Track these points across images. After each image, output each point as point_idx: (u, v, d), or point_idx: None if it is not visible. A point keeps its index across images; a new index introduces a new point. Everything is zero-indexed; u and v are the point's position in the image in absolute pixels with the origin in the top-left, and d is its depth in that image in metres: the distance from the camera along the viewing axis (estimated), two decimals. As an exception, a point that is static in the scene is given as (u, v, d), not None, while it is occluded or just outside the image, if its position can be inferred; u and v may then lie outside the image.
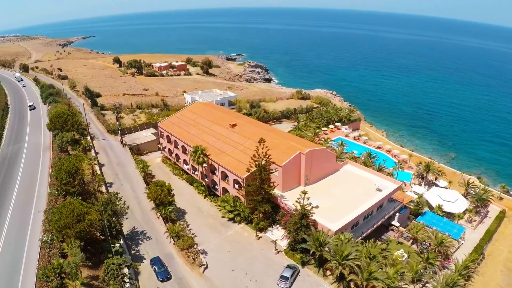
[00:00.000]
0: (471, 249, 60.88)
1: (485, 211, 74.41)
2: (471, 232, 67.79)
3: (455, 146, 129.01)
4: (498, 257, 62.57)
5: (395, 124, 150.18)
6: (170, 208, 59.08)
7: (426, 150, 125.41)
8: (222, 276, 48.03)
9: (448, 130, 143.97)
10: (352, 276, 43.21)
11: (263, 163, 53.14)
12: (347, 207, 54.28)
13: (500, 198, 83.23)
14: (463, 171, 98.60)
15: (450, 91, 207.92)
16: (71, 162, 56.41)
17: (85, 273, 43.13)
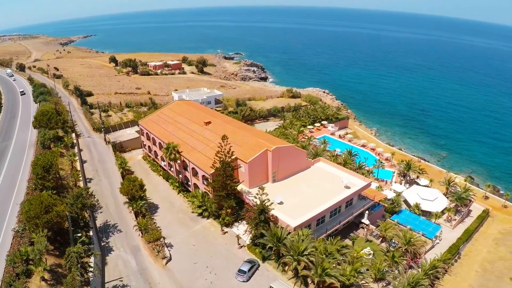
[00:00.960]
0: (446, 249, 61.86)
1: (466, 210, 75.33)
2: (450, 232, 68.91)
3: (447, 145, 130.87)
4: (475, 257, 63.68)
5: (388, 123, 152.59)
6: (141, 202, 61.73)
7: (417, 149, 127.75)
8: (183, 269, 50.53)
9: (441, 129, 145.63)
10: (305, 272, 45.02)
11: (227, 160, 55.49)
12: (311, 203, 55.97)
13: (486, 198, 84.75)
14: (447, 169, 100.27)
15: (447, 90, 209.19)
16: (47, 158, 59.15)
17: (51, 261, 45.72)
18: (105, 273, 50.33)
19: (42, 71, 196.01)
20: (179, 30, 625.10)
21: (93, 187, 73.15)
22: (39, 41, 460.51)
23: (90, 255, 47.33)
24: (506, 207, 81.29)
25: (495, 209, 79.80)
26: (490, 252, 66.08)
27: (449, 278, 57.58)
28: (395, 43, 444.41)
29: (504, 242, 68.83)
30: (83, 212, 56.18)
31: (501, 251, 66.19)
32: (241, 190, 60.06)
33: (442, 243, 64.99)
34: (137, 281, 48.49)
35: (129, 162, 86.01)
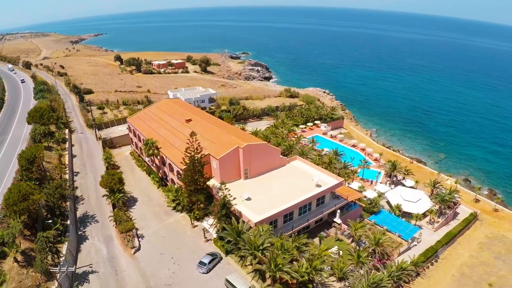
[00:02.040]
0: (423, 251, 62.83)
1: (451, 212, 75.44)
2: (431, 234, 69.65)
3: (446, 147, 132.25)
4: (454, 261, 64.55)
5: (389, 123, 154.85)
6: (119, 195, 65.79)
7: (415, 150, 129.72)
8: (150, 258, 54.26)
9: (442, 131, 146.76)
10: (258, 266, 47.66)
11: (196, 156, 59.05)
12: (279, 200, 58.45)
13: (477, 200, 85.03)
14: (439, 171, 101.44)
15: (451, 92, 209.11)
16: (31, 151, 63.87)
17: (26, 245, 49.95)
18: (78, 260, 54.45)
19: (47, 69, 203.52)
20: (188, 30, 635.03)
21: (79, 180, 78.19)
22: (50, 39, 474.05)
23: (61, 241, 51.37)
24: (497, 210, 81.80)
25: (486, 212, 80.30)
26: (472, 256, 66.80)
27: (421, 281, 58.66)
28: (401, 44, 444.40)
29: (489, 247, 69.70)
30: (62, 202, 60.58)
31: (484, 256, 66.78)
32: (213, 185, 63.47)
33: (420, 246, 65.80)
34: (105, 268, 52.46)
35: (117, 157, 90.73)
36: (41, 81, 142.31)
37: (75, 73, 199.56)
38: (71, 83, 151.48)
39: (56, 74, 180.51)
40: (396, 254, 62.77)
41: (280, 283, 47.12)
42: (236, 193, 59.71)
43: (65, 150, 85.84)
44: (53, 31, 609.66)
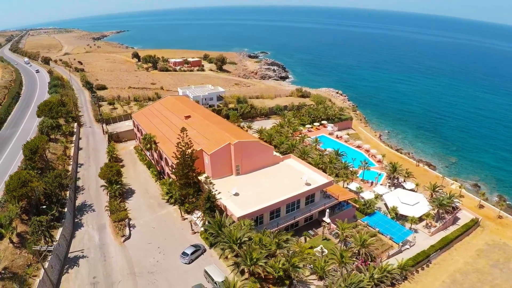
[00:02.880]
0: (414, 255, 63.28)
1: (450, 217, 75.30)
2: (426, 238, 69.93)
3: (458, 151, 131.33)
4: (447, 267, 64.66)
5: (402, 126, 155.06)
6: (116, 186, 69.77)
7: (426, 153, 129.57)
8: (137, 247, 57.77)
9: (456, 135, 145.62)
10: (234, 259, 50.09)
11: (188, 151, 62.17)
12: (266, 197, 60.60)
13: (481, 206, 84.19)
14: (447, 175, 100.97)
15: (468, 96, 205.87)
16: (34, 142, 68.85)
17: (22, 228, 54.41)
18: (71, 245, 58.62)
19: (65, 65, 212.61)
20: (210, 28, 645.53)
21: (82, 171, 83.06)
22: (73, 35, 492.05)
23: (54, 226, 55.57)
24: (501, 217, 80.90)
25: (489, 219, 79.52)
26: (467, 263, 66.44)
27: (409, 285, 58.83)
28: (421, 46, 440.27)
29: (487, 254, 69.12)
30: (61, 190, 65.05)
31: (480, 263, 66.30)
32: (204, 180, 66.37)
33: (413, 249, 66.18)
34: (95, 254, 56.34)
35: (121, 151, 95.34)
36: (56, 76, 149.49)
37: (93, 69, 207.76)
38: (86, 79, 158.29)
39: (73, 70, 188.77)
40: (385, 257, 63.56)
41: (259, 277, 49.35)
42: (226, 189, 62.68)
43: (71, 142, 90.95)
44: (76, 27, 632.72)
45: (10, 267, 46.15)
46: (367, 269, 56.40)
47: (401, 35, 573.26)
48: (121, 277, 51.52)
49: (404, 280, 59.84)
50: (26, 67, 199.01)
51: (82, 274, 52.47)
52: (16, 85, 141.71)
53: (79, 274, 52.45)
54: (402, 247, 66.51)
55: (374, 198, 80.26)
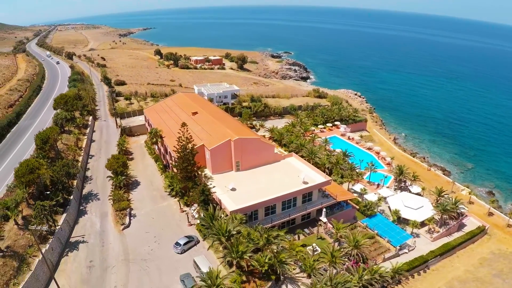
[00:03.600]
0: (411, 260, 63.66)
1: (455, 223, 74.88)
2: (427, 243, 69.94)
3: (476, 157, 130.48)
4: (446, 274, 64.42)
5: (420, 130, 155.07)
6: (121, 177, 73.48)
7: (442, 158, 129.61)
8: (135, 235, 61.06)
9: (475, 141, 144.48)
10: (220, 250, 52.22)
11: (189, 146, 64.93)
12: (262, 193, 62.37)
13: (490, 214, 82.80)
14: (457, 181, 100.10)
15: (492, 102, 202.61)
16: (46, 133, 73.59)
17: (28, 212, 58.65)
18: (74, 230, 62.60)
19: (88, 60, 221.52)
20: (236, 27, 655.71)
21: (92, 162, 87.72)
22: (100, 31, 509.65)
23: (57, 212, 59.58)
24: (510, 226, 79.57)
25: (498, 227, 78.27)
26: (467, 271, 65.83)
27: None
28: (448, 49, 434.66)
29: (490, 263, 68.09)
30: (68, 179, 69.31)
31: (482, 272, 65.51)
32: (205, 175, 69.00)
33: (412, 254, 66.50)
34: (95, 239, 60.02)
35: (132, 144, 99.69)
36: (76, 71, 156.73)
37: (115, 65, 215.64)
38: (106, 75, 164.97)
39: (95, 65, 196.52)
40: (380, 259, 64.09)
41: (247, 271, 51.25)
42: (225, 184, 65.06)
43: (84, 135, 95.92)
44: (104, 24, 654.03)
45: (13, 246, 50.21)
46: (356, 271, 57.07)
47: (426, 37, 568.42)
48: (116, 262, 54.81)
49: (398, 284, 60.22)
50: (50, 61, 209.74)
51: (80, 257, 56.12)
52: (38, 79, 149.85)
53: (77, 257, 56.15)
54: (400, 251, 66.95)
55: (377, 200, 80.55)
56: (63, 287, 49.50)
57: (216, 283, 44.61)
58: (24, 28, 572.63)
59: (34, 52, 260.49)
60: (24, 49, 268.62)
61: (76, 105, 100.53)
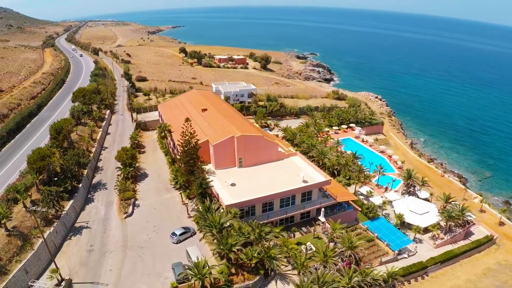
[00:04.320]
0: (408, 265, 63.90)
1: (461, 231, 74.51)
2: (430, 250, 69.78)
3: (495, 165, 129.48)
4: (445, 282, 64.16)
5: (440, 135, 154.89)
6: (129, 169, 77.13)
7: (460, 165, 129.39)
8: (136, 224, 64.27)
9: (495, 149, 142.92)
10: (210, 240, 54.67)
11: (192, 141, 67.59)
12: (260, 189, 64.01)
13: (501, 224, 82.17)
14: (465, 187, 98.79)
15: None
16: (60, 123, 78.36)
17: (37, 196, 62.88)
18: (80, 216, 66.56)
19: (113, 56, 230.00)
20: (265, 27, 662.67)
21: (104, 153, 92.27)
22: (129, 28, 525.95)
23: (63, 198, 63.60)
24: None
25: (508, 237, 77.36)
26: (469, 280, 65.26)
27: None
28: (478, 55, 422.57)
29: (495, 274, 67.20)
30: (78, 168, 73.65)
31: (484, 283, 64.79)
32: (208, 170, 71.52)
33: (411, 259, 66.32)
34: (97, 226, 63.67)
35: (146, 138, 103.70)
36: (99, 66, 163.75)
37: (139, 62, 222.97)
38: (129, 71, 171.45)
39: (120, 62, 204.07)
40: (377, 263, 64.46)
41: (237, 264, 53.08)
42: (227, 179, 67.26)
43: (100, 127, 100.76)
44: (134, 21, 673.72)
45: (19, 227, 54.34)
46: (346, 272, 57.32)
47: (455, 42, 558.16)
48: (114, 248, 58.06)
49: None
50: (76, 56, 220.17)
51: (82, 241, 59.79)
52: (63, 73, 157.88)
53: (79, 242, 59.84)
54: (399, 255, 67.07)
55: (382, 203, 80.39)
56: (62, 267, 52.97)
57: (202, 272, 46.71)
58: (55, 23, 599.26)
59: (62, 47, 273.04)
60: (53, 43, 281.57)
61: (94, 99, 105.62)
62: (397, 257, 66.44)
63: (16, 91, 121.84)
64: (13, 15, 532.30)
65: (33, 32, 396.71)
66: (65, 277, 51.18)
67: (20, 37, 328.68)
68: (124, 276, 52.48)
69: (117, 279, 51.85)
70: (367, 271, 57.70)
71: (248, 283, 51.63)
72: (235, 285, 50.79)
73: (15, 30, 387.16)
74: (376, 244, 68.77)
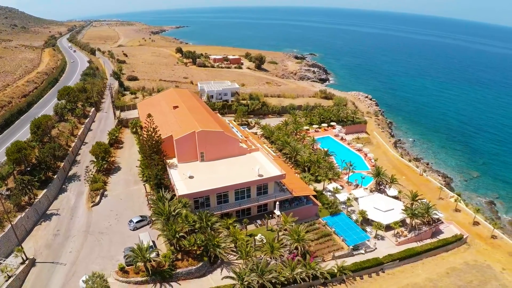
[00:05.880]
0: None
1: (427, 229, 75.76)
2: (391, 247, 71.53)
3: (484, 166, 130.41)
4: (401, 279, 65.29)
5: (431, 135, 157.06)
6: (102, 162, 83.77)
7: (447, 165, 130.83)
8: (100, 212, 71.02)
9: (486, 150, 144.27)
10: (156, 227, 60.72)
11: (155, 136, 73.67)
12: (215, 182, 69.41)
13: (475, 223, 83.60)
14: (439, 187, 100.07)
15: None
16: (39, 119, 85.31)
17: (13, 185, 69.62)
18: (52, 204, 73.40)
19: (110, 56, 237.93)
20: (270, 28, 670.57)
21: (84, 148, 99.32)
22: (133, 28, 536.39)
23: (34, 186, 70.18)
24: (495, 237, 79.76)
25: (480, 237, 78.76)
26: (429, 279, 65.84)
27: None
28: (479, 56, 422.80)
29: (460, 274, 67.65)
30: (55, 161, 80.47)
31: (445, 282, 65.39)
32: (172, 163, 77.53)
33: (368, 255, 68.05)
34: (66, 213, 70.55)
35: (126, 135, 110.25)
36: (91, 66, 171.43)
37: (135, 62, 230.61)
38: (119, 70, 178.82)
39: (115, 61, 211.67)
40: (329, 257, 66.57)
41: (184, 250, 58.82)
42: (187, 172, 73.10)
43: (83, 124, 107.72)
44: (139, 21, 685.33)
45: (-8, 212, 61.17)
46: (289, 263, 60.52)
47: (457, 43, 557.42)
48: (77, 233, 64.79)
49: (341, 283, 62.70)
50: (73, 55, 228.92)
51: (50, 227, 66.63)
52: (57, 72, 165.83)
53: (48, 227, 66.67)
54: (355, 250, 68.91)
55: (346, 199, 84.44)
56: (29, 248, 60.13)
57: (145, 255, 52.67)
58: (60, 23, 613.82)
59: (63, 47, 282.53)
60: (54, 43, 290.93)
61: (78, 97, 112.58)
62: (352, 252, 68.57)
63: (8, 90, 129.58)
64: (18, 15, 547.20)
65: (36, 32, 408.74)
66: (30, 257, 57.83)
67: (23, 37, 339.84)
68: (81, 257, 59.21)
69: (75, 260, 58.53)
70: (311, 264, 60.45)
71: (191, 268, 57.40)
72: (178, 269, 56.74)
73: (19, 30, 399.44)
74: (332, 239, 70.96)
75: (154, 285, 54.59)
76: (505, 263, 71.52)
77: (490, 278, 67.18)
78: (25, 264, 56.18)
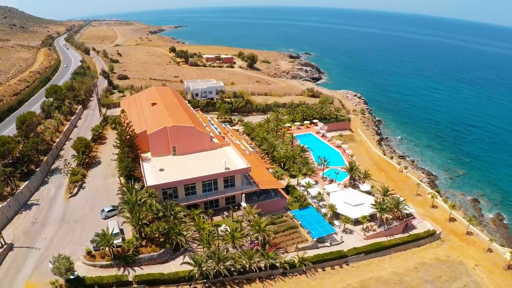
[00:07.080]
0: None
1: (398, 224, 77.76)
2: (359, 241, 73.82)
3: (471, 164, 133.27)
4: (365, 272, 66.85)
5: (419, 134, 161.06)
6: (82, 156, 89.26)
7: (433, 162, 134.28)
8: (77, 202, 76.56)
9: (474, 148, 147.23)
10: (122, 215, 66.24)
11: (128, 130, 79.02)
12: (183, 174, 74.57)
13: (452, 219, 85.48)
14: (417, 183, 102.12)
15: (508, 111, 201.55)
16: (24, 116, 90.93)
17: (-4, 178, 75.35)
18: (34, 195, 78.96)
19: (104, 55, 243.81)
20: (268, 28, 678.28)
21: (68, 144, 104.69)
22: (131, 27, 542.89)
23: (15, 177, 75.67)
24: (470, 234, 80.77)
25: (455, 234, 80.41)
26: (395, 273, 66.89)
27: (304, 279, 64.45)
28: (476, 56, 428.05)
29: (429, 269, 68.81)
30: (38, 155, 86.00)
31: (411, 276, 66.11)
32: (145, 157, 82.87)
33: (333, 248, 70.73)
34: (45, 204, 76.12)
35: (110, 131, 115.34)
36: (81, 66, 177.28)
37: (128, 61, 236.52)
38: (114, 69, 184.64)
39: (108, 61, 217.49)
40: (293, 248, 69.36)
41: (149, 238, 64.09)
42: (158, 165, 78.32)
43: (69, 121, 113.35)
44: (138, 20, 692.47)
45: (-26, 200, 66.85)
46: (246, 252, 64.21)
47: (455, 43, 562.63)
48: (53, 221, 70.42)
49: (302, 274, 65.72)
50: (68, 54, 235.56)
51: (30, 215, 72.27)
52: (49, 72, 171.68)
53: (27, 216, 72.31)
54: (319, 243, 71.84)
55: (317, 194, 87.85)
56: (9, 235, 65.92)
57: (109, 240, 57.95)
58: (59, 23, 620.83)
59: (59, 47, 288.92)
60: (51, 43, 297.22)
61: (66, 95, 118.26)
62: (316, 245, 71.33)
63: (0, 88, 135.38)
64: (18, 14, 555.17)
65: (35, 32, 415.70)
66: (8, 242, 63.36)
67: (22, 37, 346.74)
68: (54, 243, 64.79)
69: (48, 245, 64.12)
70: (270, 254, 63.77)
71: (153, 254, 62.85)
72: (141, 254, 62.25)
73: (17, 29, 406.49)
74: (298, 231, 74.15)
75: (118, 268, 59.97)
76: (478, 260, 72.71)
77: (461, 274, 68.14)
78: (2, 248, 61.70)
